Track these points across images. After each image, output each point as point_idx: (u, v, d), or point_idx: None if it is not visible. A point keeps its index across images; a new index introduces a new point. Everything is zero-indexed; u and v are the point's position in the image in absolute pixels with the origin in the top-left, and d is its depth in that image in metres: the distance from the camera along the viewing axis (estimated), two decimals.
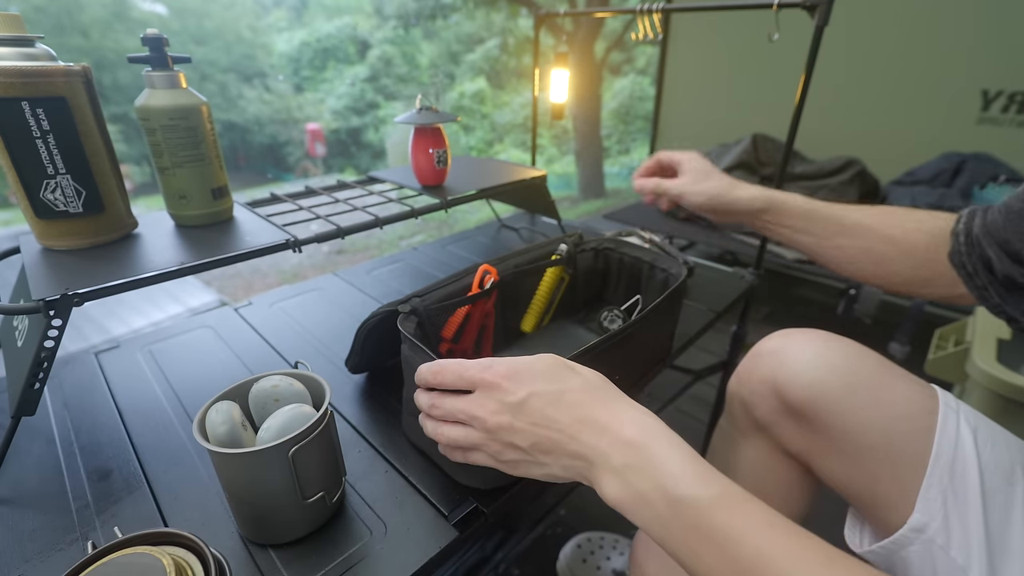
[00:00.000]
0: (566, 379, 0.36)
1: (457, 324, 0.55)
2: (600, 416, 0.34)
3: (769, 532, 0.28)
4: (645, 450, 0.32)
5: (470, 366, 0.37)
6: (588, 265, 0.69)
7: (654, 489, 0.31)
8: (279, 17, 6.36)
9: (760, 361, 0.51)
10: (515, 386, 0.36)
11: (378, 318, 0.52)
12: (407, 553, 0.40)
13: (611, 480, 0.32)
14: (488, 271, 0.56)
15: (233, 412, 0.39)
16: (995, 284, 0.43)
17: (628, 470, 0.32)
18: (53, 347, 0.44)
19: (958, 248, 0.46)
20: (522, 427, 0.35)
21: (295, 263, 3.19)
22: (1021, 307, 0.42)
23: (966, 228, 0.45)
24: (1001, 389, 0.86)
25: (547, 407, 0.35)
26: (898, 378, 0.45)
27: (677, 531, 0.30)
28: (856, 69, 1.75)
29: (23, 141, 0.45)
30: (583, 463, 0.34)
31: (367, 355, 0.57)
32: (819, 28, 0.70)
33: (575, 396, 0.35)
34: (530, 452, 0.35)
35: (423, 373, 0.40)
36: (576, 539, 0.84)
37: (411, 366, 0.43)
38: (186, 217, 0.57)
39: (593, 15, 1.09)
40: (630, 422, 0.34)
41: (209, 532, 0.41)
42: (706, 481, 0.30)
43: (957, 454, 0.39)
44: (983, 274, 0.44)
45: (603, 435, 0.33)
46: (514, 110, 6.50)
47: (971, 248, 0.45)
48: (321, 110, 6.20)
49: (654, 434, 0.33)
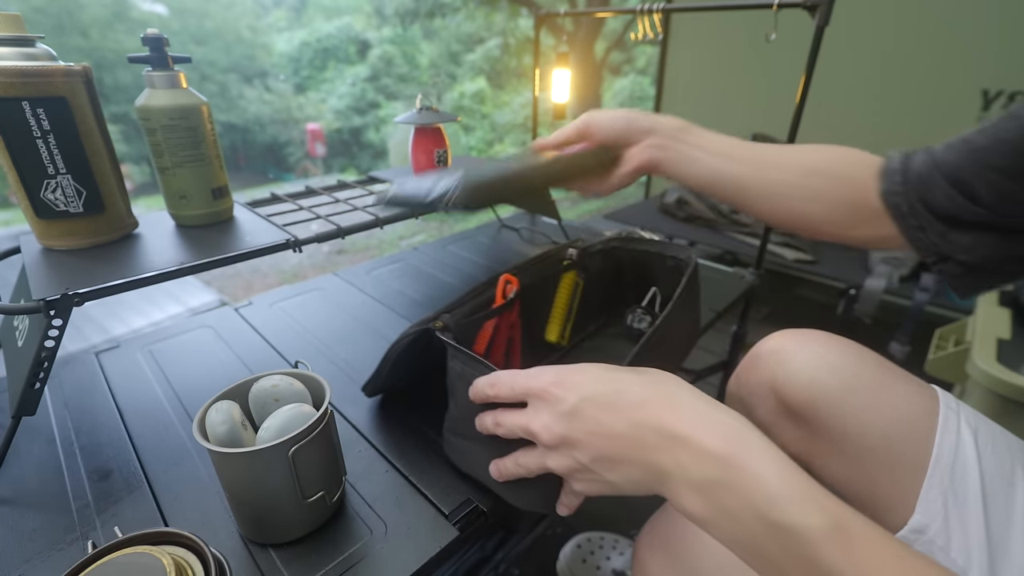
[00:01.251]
0: (621, 378, 0.32)
1: (488, 338, 0.53)
2: (669, 419, 0.30)
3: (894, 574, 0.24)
4: (734, 463, 0.27)
5: (519, 376, 0.34)
6: (599, 267, 0.68)
7: (746, 508, 0.26)
8: (279, 17, 6.37)
9: (759, 362, 0.50)
10: (564, 392, 0.32)
11: (410, 338, 0.48)
12: (407, 553, 0.40)
13: (691, 496, 0.28)
14: (509, 280, 0.54)
15: (233, 412, 0.39)
16: (934, 223, 0.42)
17: (713, 486, 0.27)
18: (53, 347, 0.44)
19: (892, 187, 0.44)
20: (578, 437, 0.31)
21: (295, 263, 3.19)
22: (962, 242, 0.41)
23: (903, 167, 0.44)
24: (1001, 389, 0.86)
25: (601, 412, 0.31)
26: (898, 379, 0.44)
27: (775, 557, 0.26)
28: (856, 69, 1.75)
29: (23, 141, 0.45)
30: (654, 476, 0.30)
31: (391, 380, 0.54)
32: (819, 28, 0.70)
33: (634, 395, 0.31)
34: (593, 467, 0.31)
35: (481, 386, 0.37)
36: (576, 539, 0.84)
37: (465, 383, 0.40)
38: (186, 217, 0.57)
39: (593, 15, 1.09)
40: (711, 426, 0.29)
41: (209, 532, 0.41)
42: (816, 505, 0.25)
43: (958, 455, 0.39)
44: (922, 213, 0.43)
45: (675, 442, 0.29)
46: (514, 110, 6.51)
47: (909, 187, 0.43)
48: (322, 110, 6.21)
49: (743, 441, 0.28)
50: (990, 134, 0.37)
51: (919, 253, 0.44)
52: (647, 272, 0.68)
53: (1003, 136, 0.36)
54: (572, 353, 0.65)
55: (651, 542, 0.50)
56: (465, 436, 0.43)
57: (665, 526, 0.49)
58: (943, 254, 0.43)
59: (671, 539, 0.48)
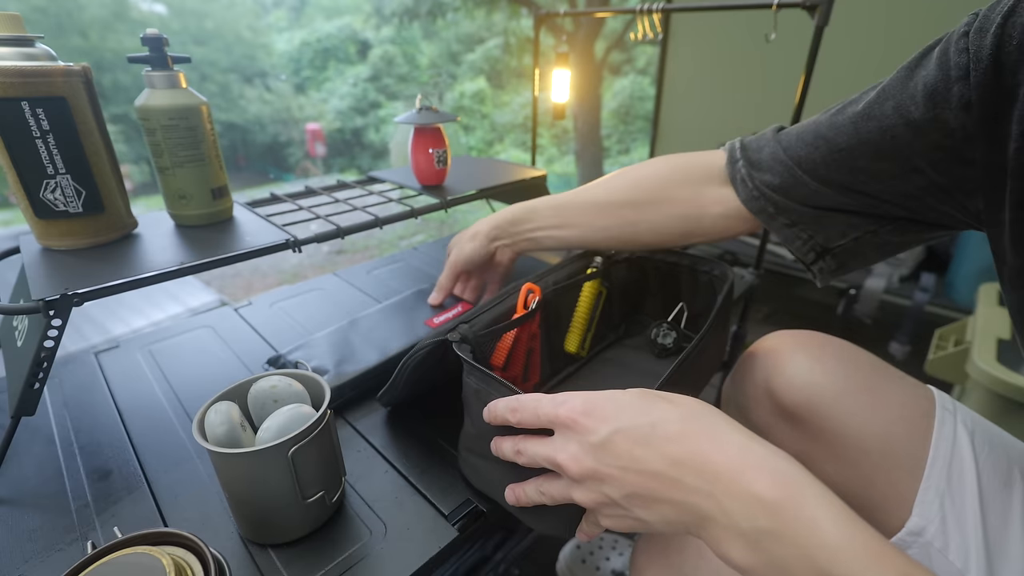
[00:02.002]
0: (658, 409, 0.30)
1: (507, 349, 0.51)
2: (712, 456, 0.27)
3: None
4: (785, 509, 0.25)
5: (544, 401, 0.32)
6: (623, 276, 0.66)
7: (802, 561, 0.24)
8: (279, 17, 6.37)
9: (754, 364, 0.50)
10: (595, 423, 0.30)
11: (426, 350, 0.46)
12: (407, 553, 0.40)
13: (737, 545, 0.26)
14: (532, 289, 0.53)
15: (232, 412, 0.39)
16: (805, 216, 0.44)
17: (763, 536, 0.25)
18: (53, 347, 0.44)
19: (750, 193, 0.46)
20: (609, 472, 0.29)
21: (295, 263, 3.19)
22: (839, 227, 0.43)
23: (748, 171, 0.46)
24: (1001, 389, 0.86)
25: (636, 446, 0.28)
26: (894, 380, 0.44)
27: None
28: (856, 69, 1.75)
29: (23, 141, 0.45)
30: (693, 518, 0.27)
31: (407, 391, 0.52)
32: (819, 28, 0.70)
33: (671, 429, 0.28)
34: (624, 504, 0.29)
35: (501, 410, 0.34)
36: (576, 539, 0.84)
37: (481, 401, 0.38)
38: (186, 217, 0.57)
39: (593, 15, 1.09)
40: (758, 467, 0.26)
41: (209, 532, 0.41)
42: (877, 558, 0.23)
43: (954, 457, 0.39)
44: (791, 210, 0.44)
45: (718, 485, 0.26)
46: (514, 110, 6.51)
47: (764, 189, 0.45)
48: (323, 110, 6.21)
49: (795, 485, 0.25)
50: (850, 133, 0.38)
51: (793, 251, 0.47)
52: (674, 284, 0.66)
53: (865, 137, 0.37)
54: (590, 364, 0.63)
55: (648, 549, 0.50)
56: (482, 455, 0.40)
57: (663, 533, 0.49)
58: (818, 247, 0.45)
59: (668, 546, 0.47)
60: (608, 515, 0.31)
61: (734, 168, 0.48)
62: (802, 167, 0.42)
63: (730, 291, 0.53)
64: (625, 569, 0.77)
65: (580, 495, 0.31)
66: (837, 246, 0.45)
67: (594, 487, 0.30)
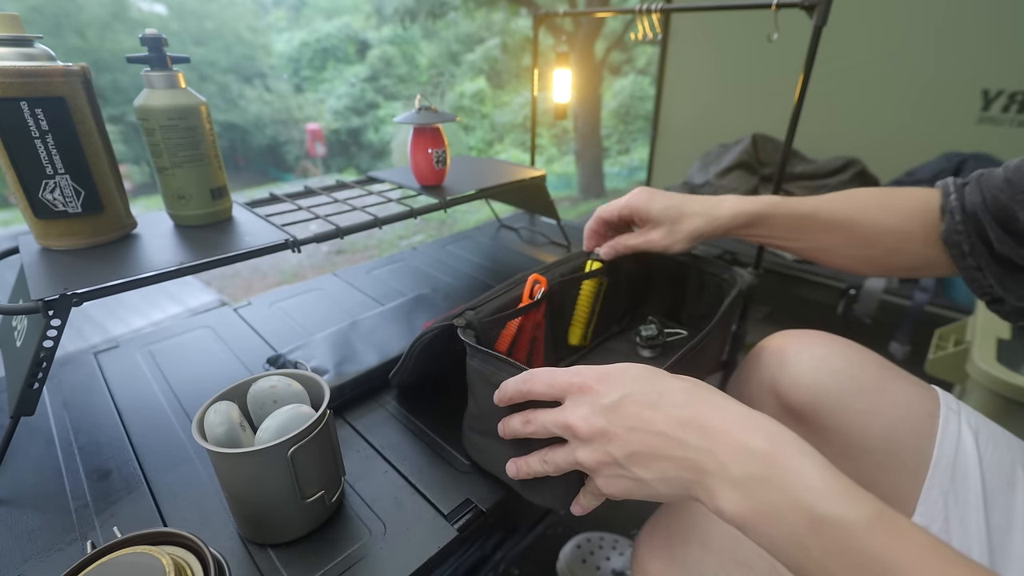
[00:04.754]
0: (664, 380, 0.33)
1: (511, 337, 0.53)
2: (711, 418, 0.30)
3: (940, 566, 0.24)
4: (774, 458, 0.27)
5: (559, 373, 0.34)
6: (629, 270, 0.66)
7: (789, 503, 0.26)
8: (279, 17, 6.37)
9: (759, 363, 0.50)
10: (607, 388, 0.32)
11: (432, 334, 0.47)
12: (406, 553, 0.40)
13: (729, 492, 0.28)
14: (538, 280, 0.54)
15: (231, 412, 0.39)
16: (992, 265, 0.42)
17: (753, 481, 0.27)
18: (52, 347, 0.43)
19: (954, 227, 0.44)
20: (616, 432, 0.31)
21: (295, 263, 3.19)
22: (1019, 291, 0.41)
23: (959, 203, 0.43)
24: (1001, 389, 0.86)
25: (644, 409, 0.31)
26: (899, 380, 0.44)
27: (818, 554, 0.25)
28: (856, 69, 1.75)
29: (22, 141, 0.45)
30: (691, 473, 0.29)
31: (417, 372, 0.54)
32: (817, 28, 0.70)
33: (678, 397, 0.31)
34: (625, 463, 0.31)
35: (510, 388, 0.37)
36: (576, 539, 0.83)
37: (487, 383, 0.40)
38: (185, 217, 0.57)
39: (593, 15, 1.09)
40: (752, 427, 0.29)
41: (208, 532, 0.41)
42: (856, 498, 0.25)
43: (958, 456, 0.39)
44: (982, 254, 0.42)
45: (716, 439, 0.29)
46: (514, 110, 6.51)
47: (968, 226, 0.43)
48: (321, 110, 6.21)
49: (783, 441, 0.28)
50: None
51: (974, 291, 0.45)
52: (679, 283, 0.66)
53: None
54: (591, 354, 0.64)
55: (651, 542, 0.50)
56: (484, 433, 0.43)
57: (665, 526, 0.49)
58: (997, 297, 0.43)
59: (671, 539, 0.48)
60: (607, 475, 0.33)
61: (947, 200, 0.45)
62: (991, 211, 0.40)
63: (738, 296, 0.54)
64: (625, 569, 0.77)
65: (584, 455, 0.33)
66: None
67: (599, 447, 0.32)
